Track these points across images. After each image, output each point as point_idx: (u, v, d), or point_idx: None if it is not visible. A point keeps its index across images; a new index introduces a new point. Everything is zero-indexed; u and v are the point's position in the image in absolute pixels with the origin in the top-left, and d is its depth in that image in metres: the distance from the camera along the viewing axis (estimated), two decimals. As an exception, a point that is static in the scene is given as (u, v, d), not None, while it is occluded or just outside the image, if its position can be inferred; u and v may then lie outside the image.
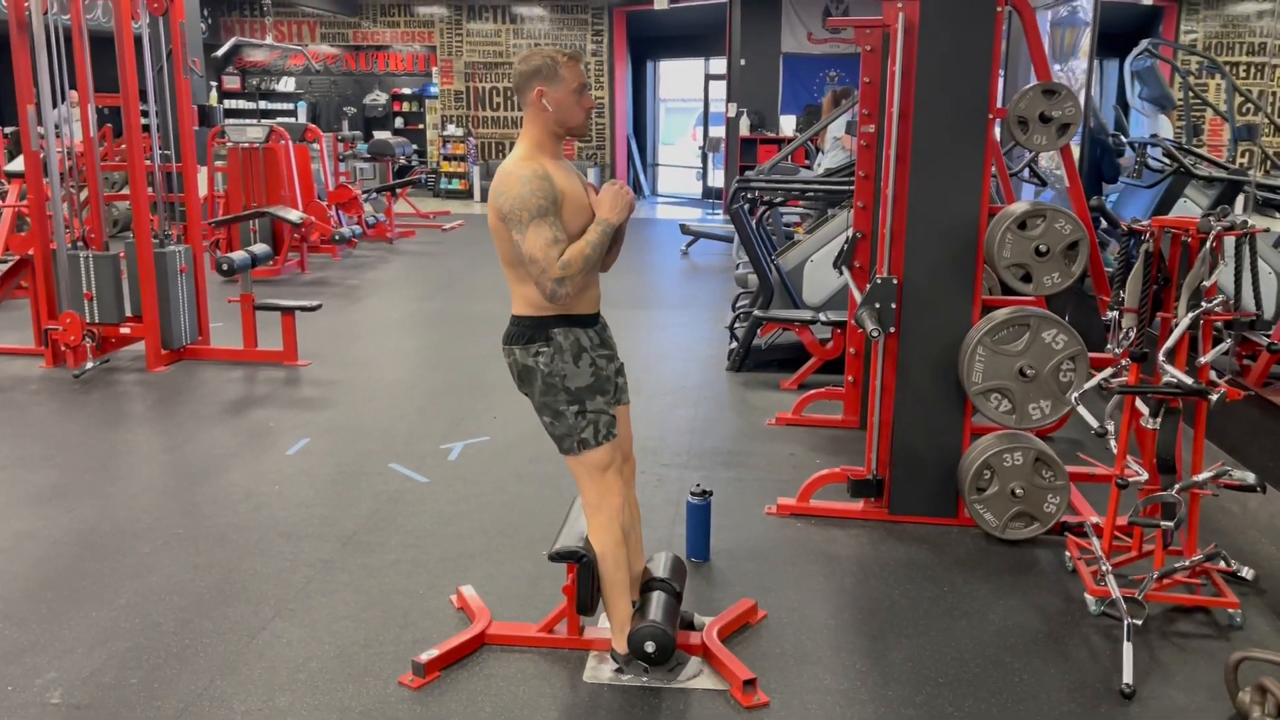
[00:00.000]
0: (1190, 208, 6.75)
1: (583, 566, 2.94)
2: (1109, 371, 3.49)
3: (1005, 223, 3.73)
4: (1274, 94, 15.14)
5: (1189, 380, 3.19)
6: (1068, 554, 3.75)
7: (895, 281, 3.94)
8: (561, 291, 2.72)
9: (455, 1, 17.83)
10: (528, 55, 2.84)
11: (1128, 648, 3.01)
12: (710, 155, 17.43)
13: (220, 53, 14.02)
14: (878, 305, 3.95)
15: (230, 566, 3.68)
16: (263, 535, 3.95)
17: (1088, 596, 3.42)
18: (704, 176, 18.52)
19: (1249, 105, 13.53)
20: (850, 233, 5.28)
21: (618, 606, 2.98)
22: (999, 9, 3.74)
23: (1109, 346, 3.47)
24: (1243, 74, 14.73)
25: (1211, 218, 3.17)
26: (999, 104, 3.83)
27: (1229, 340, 3.36)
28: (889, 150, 3.92)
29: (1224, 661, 3.08)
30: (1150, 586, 3.30)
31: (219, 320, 7.17)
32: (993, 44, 3.76)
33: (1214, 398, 3.16)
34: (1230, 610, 3.34)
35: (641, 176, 19.13)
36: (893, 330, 3.97)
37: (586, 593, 2.96)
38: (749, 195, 6.55)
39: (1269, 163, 7.26)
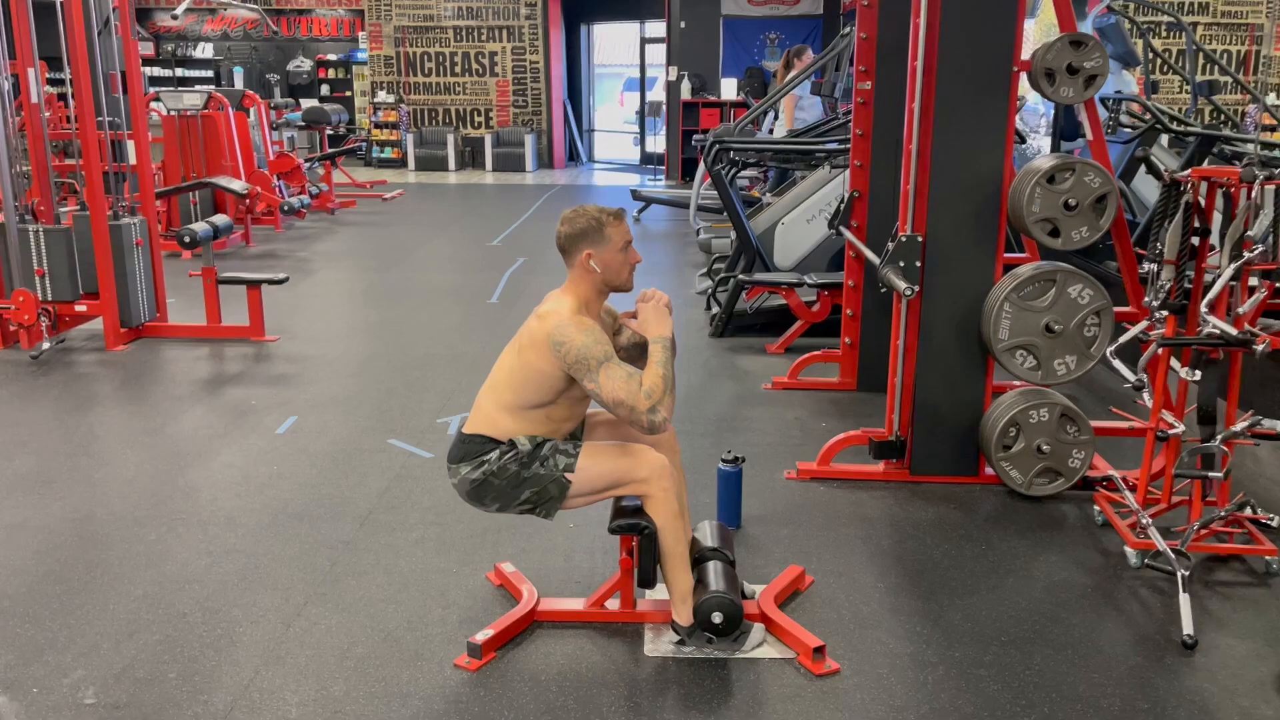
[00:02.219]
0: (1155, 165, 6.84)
1: (644, 538, 2.84)
2: (1145, 324, 3.49)
3: (1033, 177, 3.70)
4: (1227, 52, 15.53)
5: (1233, 331, 3.21)
6: (1096, 508, 3.77)
7: (920, 239, 3.89)
8: (658, 419, 2.72)
9: (382, -37, 17.30)
10: (572, 217, 2.83)
11: (1184, 599, 3.02)
12: (651, 120, 17.27)
13: (179, 10, 13.42)
14: (902, 264, 3.90)
15: (247, 551, 3.50)
16: (273, 518, 3.77)
17: (1127, 549, 3.43)
18: (642, 142, 18.37)
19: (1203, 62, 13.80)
20: (847, 192, 5.22)
21: (679, 578, 2.90)
22: (1023, -40, 3.69)
23: (1146, 299, 3.47)
24: (1164, 34, 15.08)
25: (1254, 167, 3.17)
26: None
27: (1263, 290, 3.38)
28: (911, 105, 3.85)
29: (1270, 607, 3.13)
30: (1192, 537, 3.33)
31: (169, 296, 6.83)
32: (1017, -4, 3.71)
33: (1259, 348, 3.18)
34: (1268, 557, 3.38)
35: (578, 142, 18.89)
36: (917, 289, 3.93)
37: (649, 565, 2.86)
38: (731, 157, 6.45)
39: (1228, 120, 7.41)
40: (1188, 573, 3.13)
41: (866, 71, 5.01)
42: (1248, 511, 3.54)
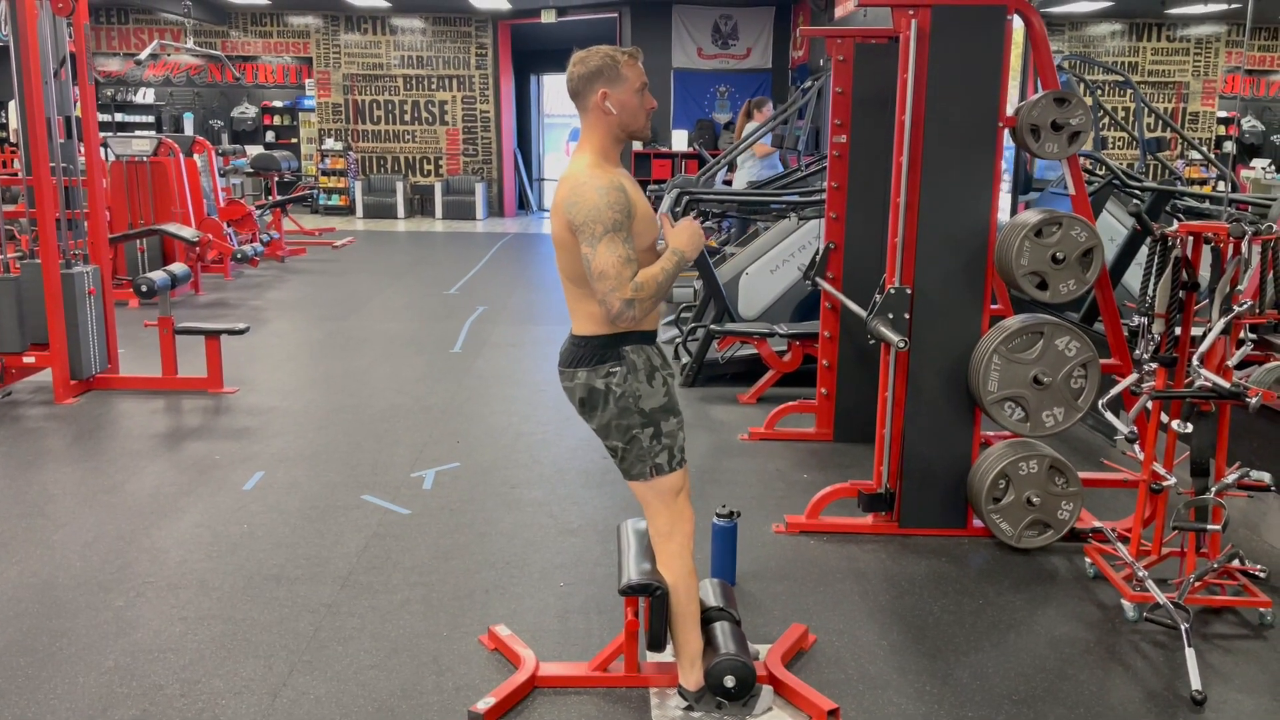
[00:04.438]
0: (1110, 221, 6.99)
1: (656, 600, 2.75)
2: (1135, 376, 3.52)
3: (1021, 231, 3.73)
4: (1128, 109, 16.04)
5: (1225, 384, 3.24)
6: (1087, 560, 3.76)
7: (908, 292, 3.89)
8: (629, 314, 2.55)
9: (330, 12, 17.24)
10: (585, 56, 2.67)
11: (1190, 654, 3.01)
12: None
13: (143, 56, 13.17)
14: (891, 316, 3.89)
15: (223, 617, 3.33)
16: (249, 580, 3.60)
17: (1124, 603, 3.42)
18: (592, 191, 18.37)
19: (1144, 120, 14.22)
20: (822, 243, 5.23)
21: (689, 640, 2.81)
22: (1008, 17, 3.75)
23: (1137, 352, 3.50)
24: (1108, 92, 15.58)
25: (1243, 222, 3.22)
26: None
27: (1250, 344, 3.43)
28: (899, 159, 3.87)
29: (1271, 660, 3.13)
30: (1188, 590, 3.33)
31: (119, 346, 6.60)
32: (1002, 52, 3.76)
33: (1252, 401, 3.21)
34: (1262, 609, 3.39)
35: (529, 190, 18.89)
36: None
37: (660, 627, 2.77)
38: (702, 209, 6.45)
39: (1176, 176, 7.66)
40: (1189, 626, 3.13)
41: (842, 125, 5.05)
42: (1237, 563, 3.55)
